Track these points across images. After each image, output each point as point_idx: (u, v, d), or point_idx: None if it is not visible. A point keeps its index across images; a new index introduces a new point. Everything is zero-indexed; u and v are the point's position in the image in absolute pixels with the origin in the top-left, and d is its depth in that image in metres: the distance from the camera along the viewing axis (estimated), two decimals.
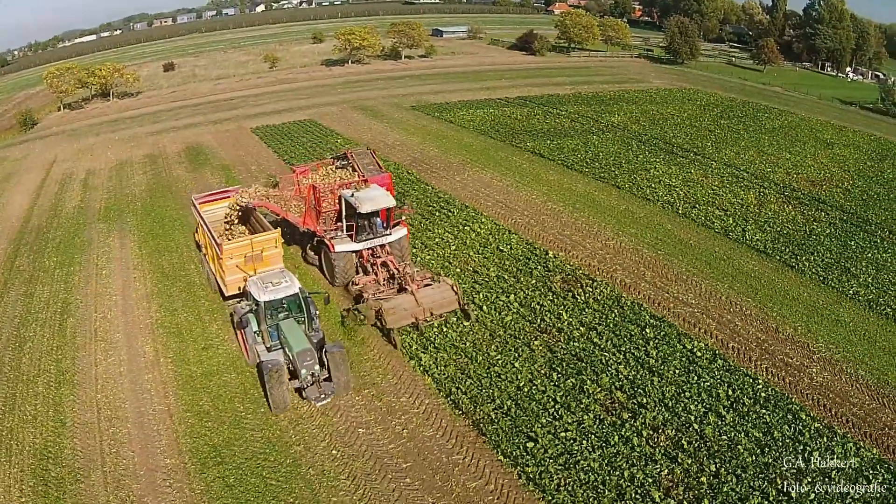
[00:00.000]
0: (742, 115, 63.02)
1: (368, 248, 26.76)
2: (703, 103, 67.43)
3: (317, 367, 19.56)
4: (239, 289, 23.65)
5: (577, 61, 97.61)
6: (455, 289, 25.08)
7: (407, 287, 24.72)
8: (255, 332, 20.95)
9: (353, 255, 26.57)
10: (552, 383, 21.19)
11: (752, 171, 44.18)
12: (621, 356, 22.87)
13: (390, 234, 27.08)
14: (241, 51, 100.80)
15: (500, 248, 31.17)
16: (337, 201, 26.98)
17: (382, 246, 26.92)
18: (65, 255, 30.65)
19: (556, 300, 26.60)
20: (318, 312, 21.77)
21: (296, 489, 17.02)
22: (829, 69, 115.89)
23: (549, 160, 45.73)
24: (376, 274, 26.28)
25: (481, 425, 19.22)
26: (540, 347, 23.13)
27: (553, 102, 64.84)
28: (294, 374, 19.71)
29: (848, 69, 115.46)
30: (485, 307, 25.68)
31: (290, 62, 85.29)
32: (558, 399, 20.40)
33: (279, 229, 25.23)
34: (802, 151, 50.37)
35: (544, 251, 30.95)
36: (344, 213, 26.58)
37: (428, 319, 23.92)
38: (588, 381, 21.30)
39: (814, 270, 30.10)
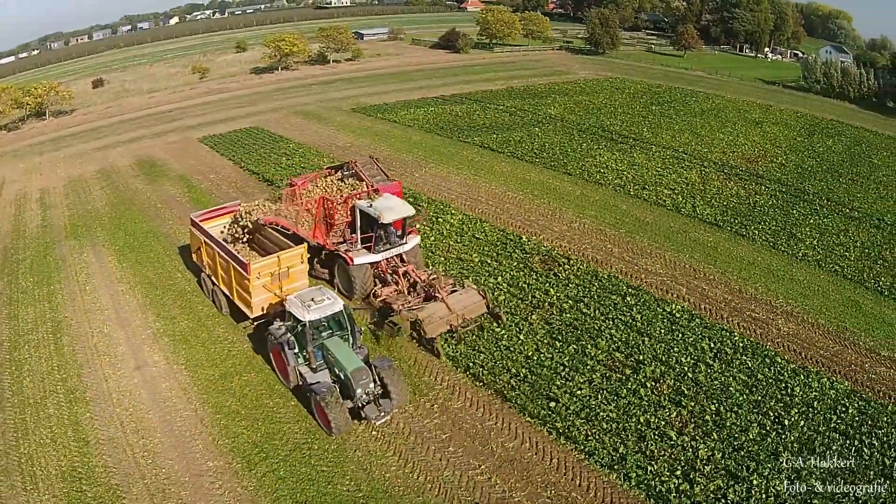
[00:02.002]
0: (671, 100, 66.92)
1: (386, 259, 26.21)
2: (632, 91, 71.04)
3: (372, 384, 19.04)
4: (263, 309, 23.18)
5: (501, 57, 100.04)
6: (481, 292, 25.14)
7: (437, 294, 24.32)
8: (295, 354, 20.30)
9: (370, 266, 25.93)
10: (556, 351, 23.00)
11: (690, 153, 47.48)
12: (611, 322, 24.99)
13: (406, 242, 26.58)
14: (167, 63, 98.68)
15: (476, 235, 32.70)
16: (349, 213, 26.51)
17: (399, 255, 26.52)
18: (40, 275, 30.01)
19: (539, 278, 28.42)
20: (361, 329, 21.49)
21: (348, 472, 17.89)
22: (747, 51, 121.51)
23: (498, 153, 47.50)
24: (397, 283, 25.84)
25: (504, 392, 20.78)
26: (537, 321, 24.86)
27: (488, 98, 66.71)
28: (346, 395, 19.09)
29: (766, 50, 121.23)
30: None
31: (218, 72, 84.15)
32: (566, 363, 22.24)
33: (305, 244, 24.66)
34: (734, 131, 54.34)
35: (517, 236, 32.70)
36: (358, 225, 26.09)
37: (463, 325, 23.66)
38: (588, 346, 23.27)
39: (763, 238, 33.19)
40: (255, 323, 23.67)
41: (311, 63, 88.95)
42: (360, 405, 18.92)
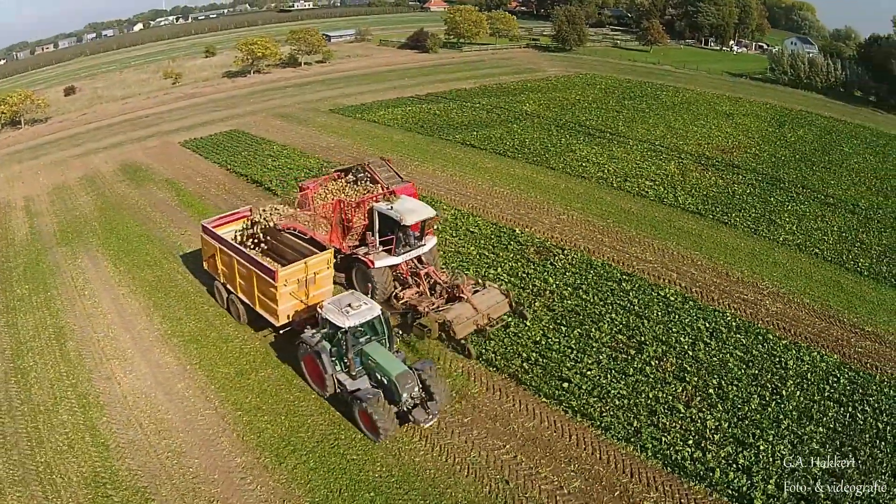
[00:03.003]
0: (642, 94, 68.60)
1: (406, 261, 26.10)
2: (603, 87, 72.59)
3: (416, 388, 18.89)
4: (288, 317, 22.80)
5: (470, 56, 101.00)
6: (504, 291, 25.32)
7: (462, 295, 24.33)
8: (333, 361, 19.94)
9: (389, 269, 25.76)
10: (562, 335, 23.97)
11: (666, 145, 49.02)
12: (610, 307, 26.10)
13: (424, 244, 26.54)
14: (136, 69, 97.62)
15: (470, 229, 33.52)
16: (367, 215, 26.32)
17: (417, 257, 26.44)
18: (36, 282, 29.82)
19: (537, 268, 29.38)
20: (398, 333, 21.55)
21: (378, 458, 18.49)
22: (712, 44, 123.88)
23: (480, 149, 48.37)
24: (418, 285, 25.76)
25: (518, 376, 21.69)
26: (540, 308, 25.83)
27: (463, 96, 67.50)
28: (390, 399, 18.80)
29: (731, 43, 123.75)
30: (480, 281, 27.88)
31: (191, 77, 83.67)
32: (573, 346, 23.27)
33: (331, 249, 24.24)
34: (707, 124, 56.14)
35: (510, 229, 33.63)
36: (377, 227, 25.93)
37: (490, 325, 23.78)
38: (592, 330, 24.33)
39: (745, 225, 34.73)
40: (282, 332, 23.41)
41: (283, 66, 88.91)
42: (405, 409, 18.82)
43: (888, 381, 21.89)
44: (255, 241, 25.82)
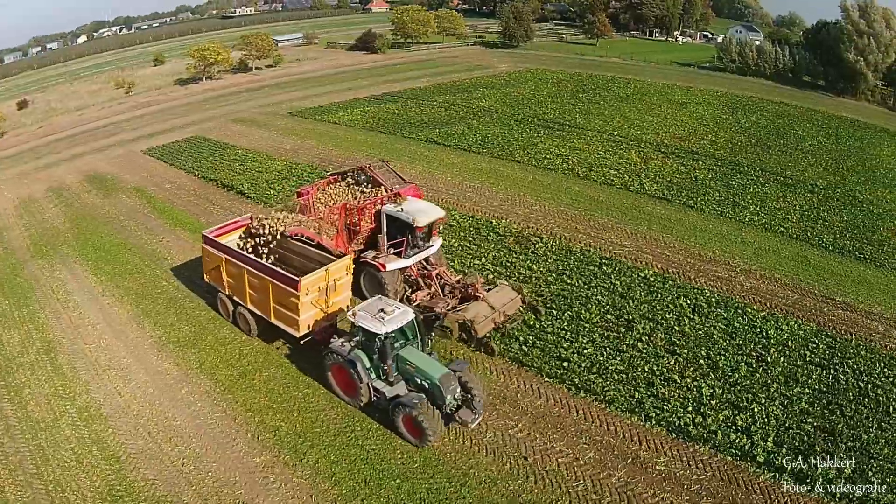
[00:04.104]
0: (594, 87, 70.37)
1: (416, 263, 25.85)
2: (555, 81, 74.16)
3: (458, 389, 18.68)
4: (308, 327, 22.05)
5: (419, 55, 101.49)
6: (516, 288, 25.56)
7: (478, 294, 24.29)
8: (367, 369, 19.45)
9: (399, 272, 25.44)
10: (554, 318, 24.89)
11: (625, 136, 50.64)
12: (594, 289, 27.19)
13: (432, 245, 26.47)
14: (88, 81, 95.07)
15: (448, 223, 34.03)
16: (373, 218, 26.00)
17: (425, 258, 26.26)
18: (16, 297, 28.99)
19: (520, 257, 30.25)
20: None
21: (397, 447, 18.86)
22: (657, 35, 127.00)
23: (444, 146, 49.03)
24: (429, 287, 25.68)
25: (518, 359, 22.48)
26: (528, 294, 26.44)
27: (419, 95, 67.99)
28: (433, 403, 18.42)
29: (676, 33, 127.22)
30: (466, 271, 28.61)
31: (143, 86, 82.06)
32: (566, 328, 24.19)
33: (351, 255, 23.87)
34: (661, 113, 58.14)
35: (488, 220, 34.41)
36: (385, 230, 25.60)
37: (508, 322, 23.96)
38: (581, 311, 25.32)
39: (711, 208, 36.40)
40: (302, 342, 22.49)
41: (234, 72, 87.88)
42: (449, 411, 18.56)
43: (864, 344, 23.66)
44: (266, 249, 24.56)
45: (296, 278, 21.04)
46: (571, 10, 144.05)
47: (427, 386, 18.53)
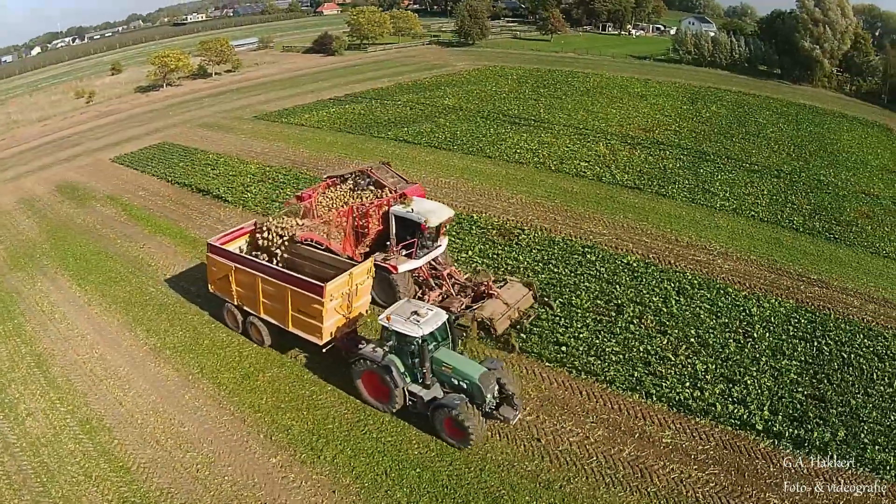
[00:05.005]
0: (554, 82, 71.72)
1: (426, 263, 25.67)
2: (515, 77, 75.29)
3: (496, 388, 18.59)
4: (331, 334, 21.45)
5: (377, 56, 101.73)
6: (525, 283, 25.73)
7: (492, 292, 24.41)
8: (402, 374, 19.17)
9: (410, 273, 25.18)
10: (547, 306, 25.50)
11: (591, 128, 51.90)
12: (582, 277, 28.04)
13: (440, 244, 26.37)
14: (47, 92, 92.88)
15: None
16: (381, 220, 25.70)
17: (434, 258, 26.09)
18: None
19: (505, 249, 30.92)
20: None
21: (413, 437, 19.19)
22: (611, 29, 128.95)
23: (415, 144, 49.49)
24: (440, 287, 25.55)
25: (519, 346, 23.05)
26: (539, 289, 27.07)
27: (382, 95, 68.29)
28: (473, 403, 18.29)
29: (629, 26, 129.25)
30: (456, 265, 29.04)
31: (104, 94, 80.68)
32: (560, 314, 24.97)
33: (372, 257, 23.67)
34: (623, 106, 59.63)
35: (468, 215, 34.94)
36: (394, 231, 25.41)
37: (524, 318, 24.06)
38: (573, 298, 26.08)
39: (682, 195, 37.70)
40: (325, 350, 21.83)
41: (193, 77, 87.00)
42: (488, 409, 18.56)
43: (842, 318, 25.03)
44: (277, 255, 23.88)
45: (320, 284, 20.38)
46: (523, 6, 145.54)
47: (466, 386, 18.44)
